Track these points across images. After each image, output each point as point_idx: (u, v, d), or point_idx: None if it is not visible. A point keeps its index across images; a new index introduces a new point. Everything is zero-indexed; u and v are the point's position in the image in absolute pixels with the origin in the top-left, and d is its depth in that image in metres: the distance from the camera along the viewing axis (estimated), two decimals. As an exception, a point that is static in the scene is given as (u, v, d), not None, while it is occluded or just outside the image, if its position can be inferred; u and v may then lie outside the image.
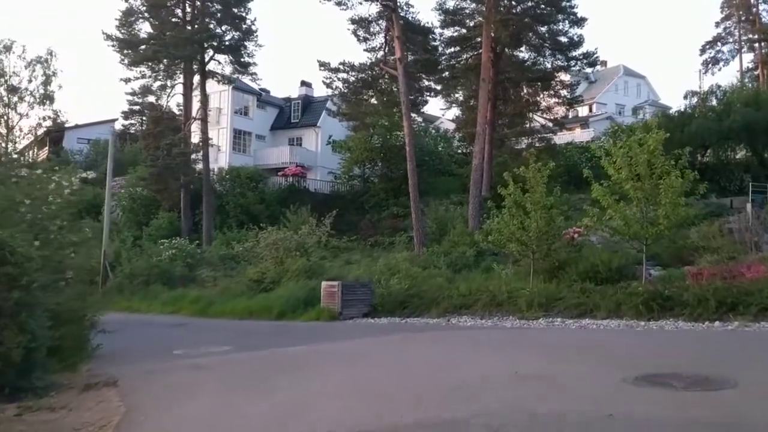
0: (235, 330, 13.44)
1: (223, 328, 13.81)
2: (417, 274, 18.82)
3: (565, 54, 33.57)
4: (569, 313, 13.36)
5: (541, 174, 17.28)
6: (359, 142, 38.28)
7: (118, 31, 33.67)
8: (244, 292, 21.72)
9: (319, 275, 20.15)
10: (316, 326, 14.90)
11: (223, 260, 27.75)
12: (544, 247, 17.08)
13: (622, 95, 66.81)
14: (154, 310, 22.93)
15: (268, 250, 23.44)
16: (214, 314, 20.27)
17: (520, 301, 14.27)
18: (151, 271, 27.00)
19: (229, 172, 39.15)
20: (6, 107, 46.13)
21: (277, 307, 18.29)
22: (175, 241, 29.56)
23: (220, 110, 45.77)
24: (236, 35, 34.29)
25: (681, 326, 11.28)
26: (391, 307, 16.90)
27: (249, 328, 13.96)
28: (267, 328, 13.84)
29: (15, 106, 47.94)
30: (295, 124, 48.01)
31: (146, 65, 32.90)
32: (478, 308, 14.97)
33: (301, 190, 39.69)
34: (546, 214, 17.04)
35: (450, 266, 23.68)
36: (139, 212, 38.35)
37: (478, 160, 28.15)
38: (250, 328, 13.90)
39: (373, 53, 30.15)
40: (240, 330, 13.48)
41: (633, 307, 12.42)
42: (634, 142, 14.45)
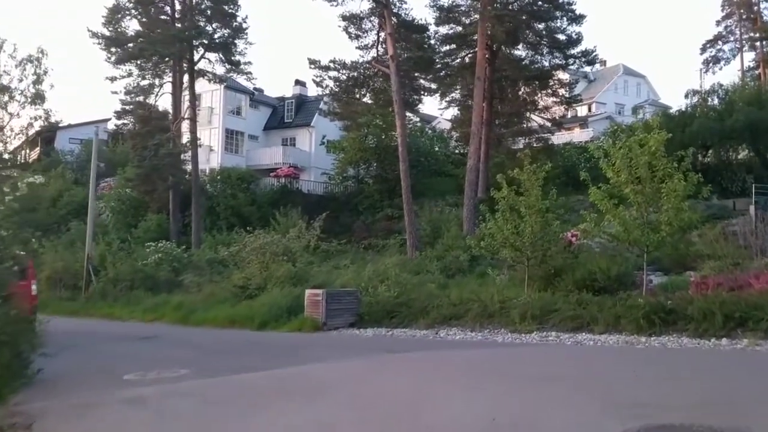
0: (206, 345, 12.52)
1: (194, 343, 12.86)
2: (406, 281, 17.94)
3: (563, 52, 32.69)
4: (565, 326, 12.46)
5: (537, 176, 16.44)
6: (353, 143, 37.46)
7: (105, 28, 32.81)
8: (228, 299, 20.88)
9: (305, 282, 19.30)
10: (296, 339, 14.02)
11: (210, 264, 26.88)
12: (539, 253, 16.24)
13: (622, 95, 66.02)
14: (135, 317, 22.10)
15: (254, 254, 22.57)
16: (196, 322, 19.44)
17: (513, 312, 13.39)
18: (135, 276, 26.16)
19: (220, 173, 38.30)
20: (-3, 107, 45.69)
21: (259, 316, 17.44)
22: (161, 244, 28.69)
23: (212, 110, 44.97)
24: (226, 33, 33.37)
25: (685, 343, 10.37)
26: (379, 317, 16.03)
27: (223, 342, 13.05)
28: (242, 342, 12.92)
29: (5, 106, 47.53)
30: (289, 124, 47.16)
31: (133, 63, 31.99)
32: (469, 319, 14.08)
33: (293, 191, 38.84)
34: (541, 218, 16.20)
35: (443, 271, 22.87)
36: (128, 214, 37.52)
37: (473, 161, 27.29)
38: (224, 342, 12.99)
39: (365, 51, 29.30)
40: (211, 344, 12.57)
41: (633, 321, 11.51)
42: (635, 142, 13.58)
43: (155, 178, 32.36)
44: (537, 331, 12.60)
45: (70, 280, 28.40)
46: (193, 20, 32.53)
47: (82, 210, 41.30)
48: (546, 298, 13.95)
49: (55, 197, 43.94)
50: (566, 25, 31.82)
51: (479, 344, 11.90)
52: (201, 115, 44.27)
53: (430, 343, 12.45)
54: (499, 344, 11.84)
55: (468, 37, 31.87)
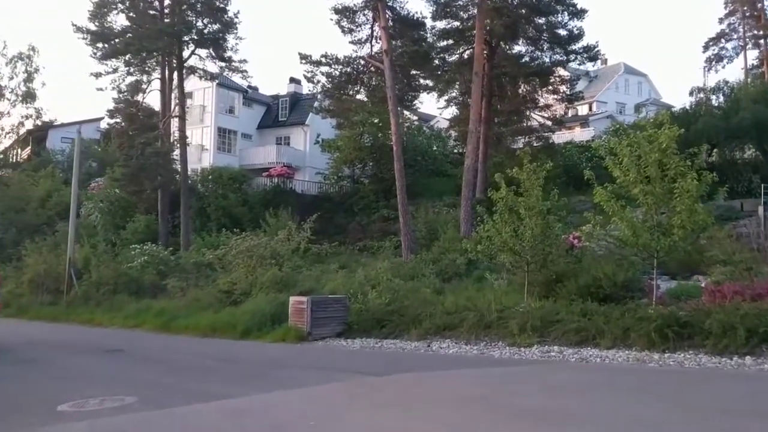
0: (173, 360, 11.39)
1: (161, 357, 11.71)
2: (399, 286, 16.86)
3: (564, 48, 31.60)
4: (568, 339, 11.36)
5: (537, 175, 15.38)
6: (348, 142, 36.48)
7: (91, 23, 31.72)
8: (213, 305, 19.80)
9: (291, 287, 18.23)
10: (276, 352, 12.94)
11: (197, 268, 25.79)
12: (539, 257, 15.18)
13: (623, 94, 65.08)
14: (116, 323, 21.04)
15: (240, 258, 21.51)
16: (177, 330, 18.40)
17: (512, 323, 12.29)
18: (119, 280, 25.12)
19: (211, 173, 37.22)
20: (-13, 106, 44.60)
21: (242, 324, 16.37)
22: (147, 246, 27.61)
23: (203, 108, 43.87)
24: (216, 28, 32.26)
25: (704, 362, 9.25)
26: (368, 326, 14.95)
27: (195, 355, 11.91)
28: (215, 356, 11.78)
29: (-5, 105, 46.46)
30: (283, 123, 46.07)
31: (119, 59, 30.88)
32: (464, 330, 12.99)
33: (287, 191, 37.77)
34: (542, 220, 15.14)
35: (439, 275, 21.83)
36: (116, 215, 36.48)
37: (471, 160, 26.23)
38: (196, 355, 11.85)
39: (359, 46, 28.23)
40: (180, 359, 11.43)
41: (644, 335, 10.38)
42: (643, 139, 12.50)
43: (142, 178, 31.27)
44: (538, 345, 11.50)
45: (52, 283, 27.35)
46: (182, 14, 31.42)
47: (69, 210, 40.42)
48: (547, 307, 12.85)
49: (44, 197, 42.98)
50: (567, 20, 30.80)
51: (474, 361, 10.79)
52: (193, 114, 43.26)
53: (420, 359, 11.36)
54: (496, 361, 10.73)
55: (466, 33, 30.85)
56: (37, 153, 56.03)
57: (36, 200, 43.49)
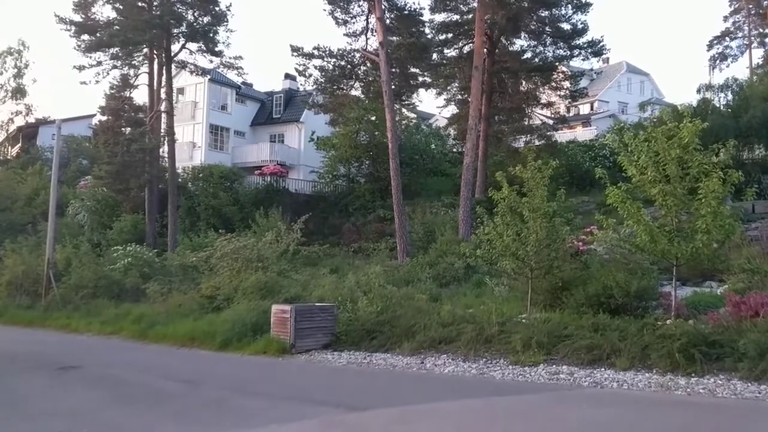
0: (130, 381, 10.03)
1: (118, 377, 10.26)
2: (391, 294, 15.58)
3: (567, 42, 30.39)
4: (578, 357, 10.09)
5: (542, 174, 14.13)
6: (344, 139, 35.21)
7: (76, 14, 30.49)
8: (195, 311, 18.55)
9: (276, 294, 16.95)
10: (252, 370, 11.66)
11: (183, 270, 24.50)
12: (544, 263, 13.92)
13: (625, 93, 63.88)
14: (92, 329, 19.79)
15: (225, 261, 20.24)
16: (155, 338, 17.15)
17: (515, 338, 11.03)
18: (99, 282, 23.82)
19: (201, 171, 35.92)
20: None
21: (221, 334, 15.08)
22: (131, 247, 26.33)
23: (195, 104, 42.56)
24: (206, 20, 30.98)
25: (740, 391, 7.97)
26: (358, 337, 13.68)
27: (157, 374, 10.53)
28: (180, 376, 10.38)
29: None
30: (277, 120, 44.76)
31: (104, 52, 29.61)
32: (462, 344, 11.72)
33: (280, 190, 36.44)
34: (547, 222, 13.90)
35: (436, 279, 20.61)
36: (103, 214, 35.19)
37: (470, 158, 24.95)
38: (158, 374, 10.46)
39: (353, 38, 26.96)
40: (138, 380, 10.07)
41: (666, 355, 9.09)
42: (661, 133, 11.25)
43: (128, 176, 30.00)
44: (544, 364, 10.22)
45: (31, 286, 26.08)
46: (170, 6, 30.12)
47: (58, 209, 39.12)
48: (554, 319, 11.58)
49: (31, 195, 41.74)
50: (571, 13, 29.59)
51: (473, 385, 9.52)
52: (184, 110, 42.04)
53: (412, 381, 10.08)
54: (499, 385, 9.42)
55: (465, 26, 29.61)
56: (26, 150, 54.74)
57: (23, 198, 42.26)
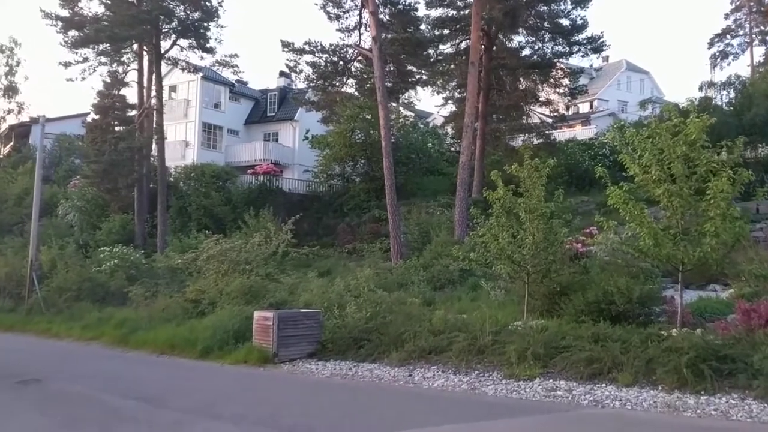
0: (90, 399, 9.23)
1: (80, 394, 9.42)
2: (381, 299, 14.82)
3: (566, 38, 29.64)
4: (577, 371, 9.33)
5: (539, 173, 13.40)
6: (338, 138, 34.46)
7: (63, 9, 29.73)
8: (178, 316, 17.80)
9: (261, 298, 16.21)
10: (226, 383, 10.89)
11: (172, 273, 23.74)
12: (541, 267, 13.19)
13: (625, 91, 63.12)
14: (73, 334, 19.06)
15: (211, 263, 19.51)
16: (136, 344, 16.42)
17: (510, 349, 10.27)
18: (83, 285, 23.07)
19: (192, 170, 35.14)
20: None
21: (202, 341, 14.34)
22: (117, 248, 25.58)
23: (188, 102, 41.77)
24: (196, 15, 30.20)
25: (757, 413, 7.15)
26: (345, 345, 12.94)
27: (123, 390, 9.67)
28: (146, 392, 9.57)
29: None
30: (271, 118, 43.94)
31: (91, 48, 28.84)
32: (453, 355, 10.97)
33: (273, 190, 35.66)
34: (545, 224, 13.17)
35: (430, 282, 19.88)
36: (92, 214, 34.42)
37: (466, 157, 24.20)
38: (125, 391, 9.57)
39: (346, 34, 26.20)
40: (97, 398, 9.27)
41: (673, 371, 8.35)
42: (665, 130, 10.50)
43: (115, 175, 29.22)
44: (540, 378, 9.47)
45: (15, 288, 25.32)
46: (159, 0, 29.34)
47: (48, 209, 38.34)
48: (551, 328, 10.82)
49: (21, 195, 40.96)
50: (570, 9, 28.83)
51: (462, 402, 8.76)
52: (176, 108, 41.31)
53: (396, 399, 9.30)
54: (490, 401, 8.67)
55: (462, 22, 28.82)
56: (18, 149, 53.97)
57: (12, 198, 41.53)
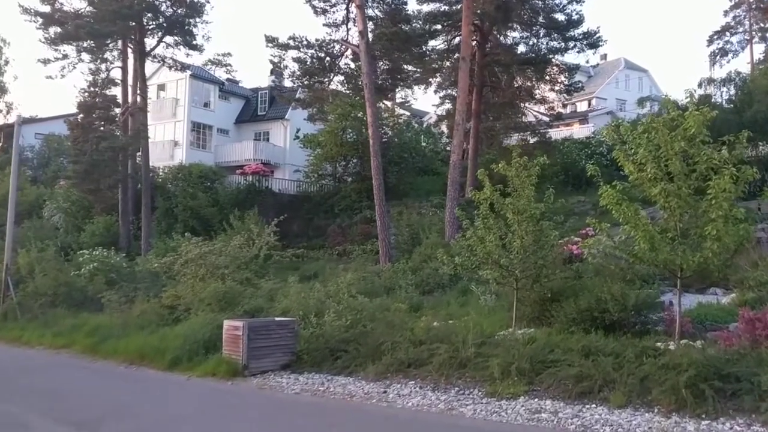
0: (21, 421, 8.43)
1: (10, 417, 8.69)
2: (362, 306, 13.96)
3: (562, 33, 28.79)
4: (565, 389, 8.47)
5: (528, 172, 12.57)
6: (330, 137, 33.64)
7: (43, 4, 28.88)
8: (153, 323, 16.93)
9: (235, 306, 15.35)
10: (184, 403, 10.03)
11: (154, 277, 22.85)
12: (531, 271, 12.36)
13: (623, 90, 62.28)
14: (44, 342, 18.19)
15: (189, 267, 18.66)
16: (105, 353, 15.59)
17: (493, 363, 9.43)
18: (59, 290, 22.19)
19: (180, 170, 34.29)
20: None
21: (171, 351, 13.51)
22: (97, 252, 24.71)
23: (176, 101, 40.92)
24: (180, 11, 29.35)
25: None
26: (321, 357, 12.09)
27: (61, 412, 8.71)
28: (86, 412, 8.66)
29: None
30: (262, 117, 43.13)
31: (71, 44, 27.98)
32: (433, 369, 10.12)
33: (262, 190, 34.82)
34: (534, 226, 12.34)
35: (419, 286, 19.07)
36: (77, 215, 33.58)
37: (457, 156, 23.38)
38: (61, 413, 8.63)
39: (333, 29, 25.32)
40: (32, 418, 8.45)
41: (670, 391, 7.52)
42: (662, 124, 9.66)
43: (97, 175, 28.35)
44: (525, 396, 8.60)
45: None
46: (141, -6, 28.50)
47: (34, 210, 37.47)
48: (539, 340, 9.97)
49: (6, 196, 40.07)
50: (566, 3, 27.99)
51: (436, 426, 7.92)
52: (165, 107, 40.54)
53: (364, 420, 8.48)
54: (466, 426, 7.81)
55: (454, 17, 27.95)
56: (5, 150, 53.04)
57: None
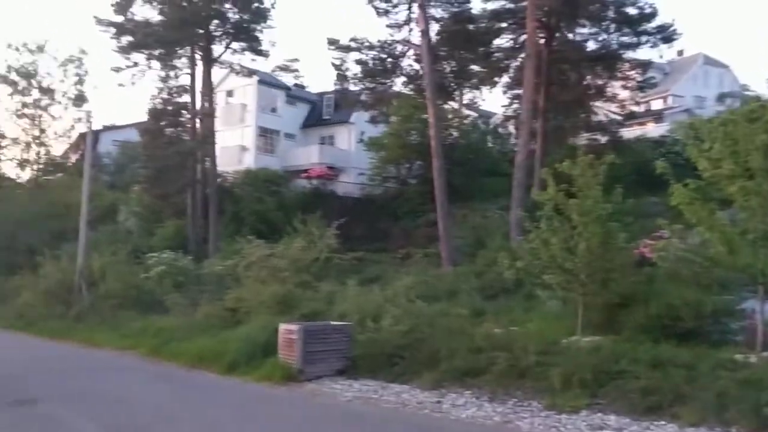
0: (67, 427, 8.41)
1: (57, 421, 8.68)
2: (420, 311, 13.58)
3: (633, 28, 27.57)
4: (631, 404, 7.81)
5: (594, 171, 11.93)
6: (393, 139, 33.45)
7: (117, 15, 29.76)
8: (215, 325, 17.04)
9: (293, 309, 15.21)
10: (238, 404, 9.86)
11: (220, 279, 23.15)
12: (597, 276, 11.69)
13: (702, 87, 59.43)
14: (112, 344, 18.55)
15: (251, 270, 18.73)
16: (168, 355, 15.68)
17: (554, 372, 8.90)
18: (128, 292, 22.74)
19: (246, 175, 34.81)
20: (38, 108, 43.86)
21: (230, 354, 13.46)
22: (166, 254, 25.24)
23: (244, 107, 41.59)
24: (246, 17, 29.71)
25: None
26: (377, 363, 11.77)
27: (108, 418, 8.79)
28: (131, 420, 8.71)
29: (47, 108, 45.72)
30: (327, 121, 43.32)
31: (142, 53, 28.75)
32: (492, 378, 9.63)
33: (327, 194, 34.96)
34: (601, 228, 11.67)
35: (482, 291, 18.54)
36: (148, 219, 34.51)
37: (522, 156, 22.70)
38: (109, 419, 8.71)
39: (396, 30, 24.98)
40: (78, 424, 8.45)
41: (750, 411, 6.82)
42: (741, 116, 8.91)
43: (166, 180, 29.00)
44: (587, 410, 8.03)
45: (66, 295, 25.29)
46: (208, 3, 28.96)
47: (109, 215, 38.78)
48: (605, 348, 9.36)
49: (85, 201, 41.63)
50: (638, -5, 26.76)
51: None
52: (233, 113, 41.23)
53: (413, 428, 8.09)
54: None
55: (519, 14, 27.20)
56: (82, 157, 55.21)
57: (76, 205, 42.26)
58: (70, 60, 57.64)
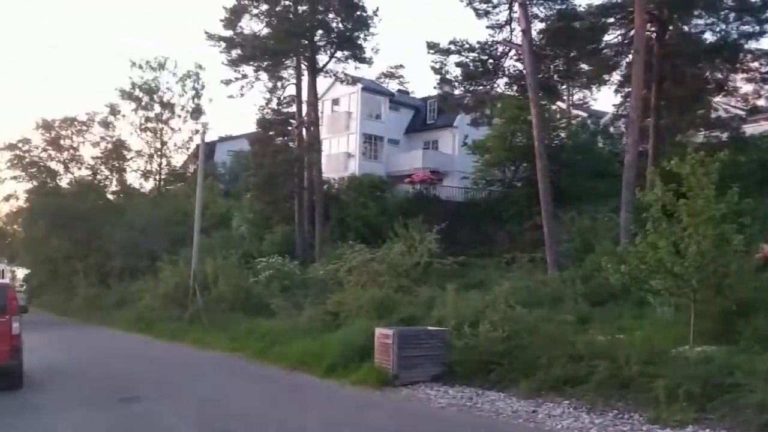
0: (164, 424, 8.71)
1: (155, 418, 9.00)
2: (519, 317, 13.18)
3: (755, 16, 25.64)
4: (744, 420, 7.13)
5: (707, 169, 11.16)
6: (497, 141, 32.92)
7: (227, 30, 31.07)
8: (316, 329, 17.35)
9: (391, 313, 15.19)
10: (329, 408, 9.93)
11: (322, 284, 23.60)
12: (711, 281, 10.91)
13: (841, 76, 54.40)
14: (220, 346, 19.30)
15: (352, 274, 18.94)
16: (272, 358, 16.12)
17: (658, 384, 8.33)
18: (238, 296, 23.59)
19: (351, 181, 35.37)
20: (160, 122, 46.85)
21: (329, 357, 13.64)
22: (273, 259, 26.01)
23: (349, 114, 42.29)
24: (349, 26, 30.19)
25: None
26: (473, 369, 11.52)
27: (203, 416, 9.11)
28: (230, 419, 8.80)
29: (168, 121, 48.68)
30: (431, 126, 43.32)
31: (249, 65, 29.84)
32: (591, 388, 9.19)
33: (429, 198, 34.92)
34: (714, 230, 10.88)
35: (589, 297, 17.81)
36: (260, 225, 35.76)
37: (631, 156, 21.60)
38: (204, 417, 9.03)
39: (497, 30, 24.51)
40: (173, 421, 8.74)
41: None
42: None
43: (274, 187, 29.91)
44: (694, 425, 7.45)
45: (182, 298, 26.60)
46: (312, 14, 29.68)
47: (224, 222, 40.53)
48: (717, 360, 8.69)
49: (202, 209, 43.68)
50: (760, -19, 24.92)
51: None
52: (338, 121, 42.07)
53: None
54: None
55: (628, 7, 25.99)
56: (203, 167, 57.98)
57: (194, 212, 44.41)
58: (188, 75, 61.00)
